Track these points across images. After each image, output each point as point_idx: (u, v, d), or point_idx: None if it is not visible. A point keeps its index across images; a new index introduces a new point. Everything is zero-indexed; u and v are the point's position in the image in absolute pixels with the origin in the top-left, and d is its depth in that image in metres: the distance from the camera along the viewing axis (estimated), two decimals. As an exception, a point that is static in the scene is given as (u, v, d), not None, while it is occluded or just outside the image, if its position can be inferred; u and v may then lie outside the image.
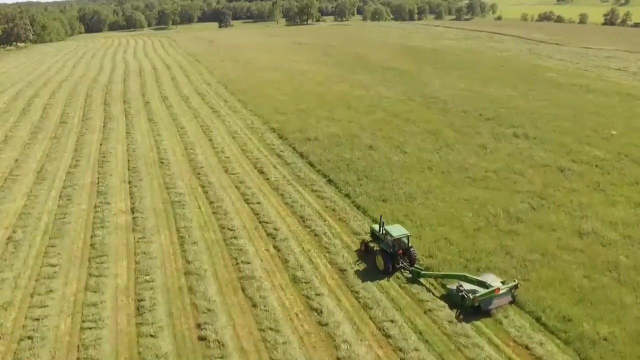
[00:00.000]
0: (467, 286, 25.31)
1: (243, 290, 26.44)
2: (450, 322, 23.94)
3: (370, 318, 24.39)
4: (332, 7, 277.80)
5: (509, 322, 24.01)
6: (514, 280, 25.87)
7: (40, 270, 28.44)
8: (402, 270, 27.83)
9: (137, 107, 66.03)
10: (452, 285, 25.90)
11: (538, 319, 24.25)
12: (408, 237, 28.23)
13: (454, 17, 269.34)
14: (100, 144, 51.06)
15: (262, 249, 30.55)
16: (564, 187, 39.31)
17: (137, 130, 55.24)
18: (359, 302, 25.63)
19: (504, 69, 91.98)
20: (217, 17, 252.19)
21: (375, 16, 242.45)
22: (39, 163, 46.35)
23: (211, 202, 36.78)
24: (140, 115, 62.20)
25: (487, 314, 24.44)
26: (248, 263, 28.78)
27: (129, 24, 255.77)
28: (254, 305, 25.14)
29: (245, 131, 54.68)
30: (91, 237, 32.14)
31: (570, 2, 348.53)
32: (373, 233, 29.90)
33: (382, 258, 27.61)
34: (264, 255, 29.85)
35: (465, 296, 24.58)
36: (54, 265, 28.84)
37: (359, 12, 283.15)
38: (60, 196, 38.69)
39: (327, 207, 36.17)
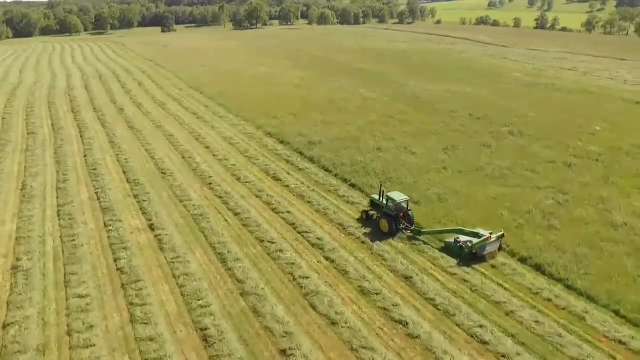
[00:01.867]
0: (462, 238, 28.94)
1: (313, 307, 24.14)
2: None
3: (457, 324, 23.08)
4: (276, 11, 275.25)
5: (592, 317, 23.60)
6: (501, 231, 29.55)
7: (68, 303, 24.55)
8: (403, 230, 31.07)
9: (111, 115, 60.76)
10: (450, 239, 29.43)
11: (616, 312, 24.17)
12: (407, 201, 31.82)
13: (397, 20, 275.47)
14: (84, 155, 46.11)
15: (313, 261, 28.28)
16: (578, 181, 40.00)
17: (121, 139, 50.55)
18: (439, 309, 24.21)
19: (469, 70, 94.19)
20: (159, 21, 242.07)
21: (322, 20, 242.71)
22: (17, 179, 40.93)
23: (236, 214, 33.86)
24: (118, 123, 57.18)
25: (482, 259, 28.13)
26: (306, 277, 26.45)
27: (63, 29, 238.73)
28: (333, 323, 22.97)
29: (241, 137, 51.62)
30: (115, 260, 28.38)
31: (500, 7, 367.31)
32: (372, 202, 33.14)
33: (386, 221, 30.61)
34: (318, 268, 27.62)
35: (463, 245, 28.29)
36: (83, 296, 25.01)
37: (303, 16, 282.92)
38: (58, 215, 34.14)
39: (361, 212, 34.41)
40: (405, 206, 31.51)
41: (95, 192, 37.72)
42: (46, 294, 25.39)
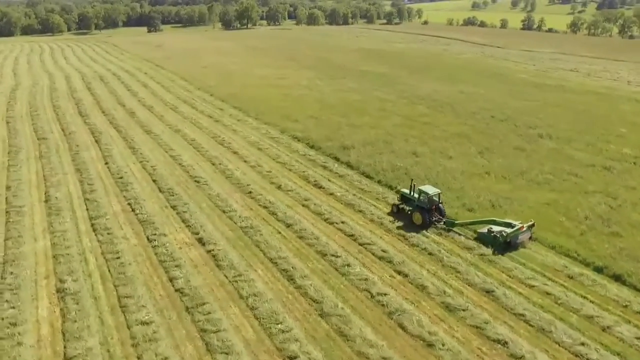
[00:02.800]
0: (495, 228, 29.55)
1: (403, 328, 22.42)
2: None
3: (556, 343, 21.63)
4: (264, 11, 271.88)
5: None
6: (531, 221, 30.42)
7: (132, 331, 22.23)
8: (436, 222, 31.65)
9: (123, 119, 57.83)
10: (483, 229, 30.00)
11: None
12: (439, 194, 32.35)
13: (385, 21, 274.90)
14: (106, 163, 43.37)
15: (385, 276, 26.50)
16: (623, 185, 39.14)
17: (141, 145, 47.87)
18: (532, 326, 22.71)
19: (474, 71, 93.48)
20: (144, 21, 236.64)
21: (311, 20, 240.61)
22: (39, 190, 38.14)
23: (288, 225, 31.83)
24: (133, 127, 54.36)
25: (515, 247, 28.89)
26: (385, 294, 24.67)
27: (46, 28, 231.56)
28: (429, 345, 21.28)
29: (268, 141, 49.41)
30: (170, 280, 26.09)
31: (484, 8, 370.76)
32: (403, 196, 33.64)
33: (420, 214, 31.27)
34: (393, 283, 25.86)
35: (498, 235, 28.98)
36: (147, 323, 22.70)
37: (290, 16, 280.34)
38: (94, 230, 31.61)
39: (392, 205, 32.83)
40: (438, 199, 32.07)
41: (128, 204, 35.20)
42: (104, 321, 23.03)
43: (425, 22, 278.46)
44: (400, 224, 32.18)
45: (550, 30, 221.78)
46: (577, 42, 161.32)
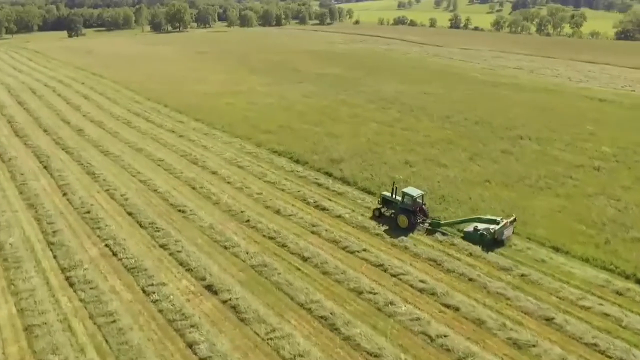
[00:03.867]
0: (481, 226, 29.63)
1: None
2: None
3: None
4: (193, 13, 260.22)
5: None
6: (513, 216, 30.81)
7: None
8: (421, 223, 31.36)
9: (71, 138, 50.39)
10: (469, 228, 30.03)
11: None
12: (423, 195, 32.00)
13: (317, 21, 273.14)
14: (64, 194, 36.78)
15: (435, 312, 23.51)
16: (618, 185, 38.99)
17: (102, 169, 41.41)
18: (610, 357, 20.60)
19: (427, 71, 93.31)
20: (64, 25, 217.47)
21: (244, 22, 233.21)
22: (-16, 235, 31.20)
23: (305, 259, 27.88)
24: (85, 147, 47.32)
25: (502, 244, 29.14)
26: (445, 336, 21.62)
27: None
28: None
29: (246, 158, 44.70)
30: (189, 346, 21.38)
31: (409, 7, 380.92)
32: (385, 199, 32.80)
33: (405, 216, 30.87)
34: (448, 321, 22.96)
35: (485, 233, 29.10)
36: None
37: (220, 18, 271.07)
38: (71, 284, 25.83)
39: (439, 241, 30.08)
40: (421, 201, 31.78)
41: (106, 245, 29.48)
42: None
43: (357, 22, 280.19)
44: (427, 249, 29.24)
45: (476, 28, 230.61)
46: (505, 40, 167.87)
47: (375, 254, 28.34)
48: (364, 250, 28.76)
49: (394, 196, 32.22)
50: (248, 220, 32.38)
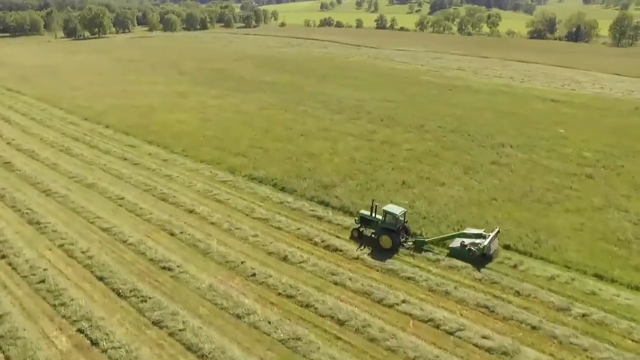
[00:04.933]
0: (467, 241, 28.15)
1: None
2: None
3: None
4: (111, 18, 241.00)
5: None
6: (496, 228, 29.56)
7: None
8: (403, 243, 29.12)
9: (1, 175, 41.03)
10: (455, 244, 28.47)
11: None
12: (405, 213, 29.89)
13: (243, 24, 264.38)
14: (2, 257, 28.52)
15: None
16: (621, 195, 38.11)
17: (47, 216, 33.23)
18: None
19: (377, 75, 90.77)
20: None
21: (167, 26, 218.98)
22: None
23: (341, 323, 22.91)
24: (18, 186, 38.36)
25: (490, 259, 27.74)
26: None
27: None
28: None
29: (223, 189, 38.35)
30: None
31: (332, 8, 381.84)
32: (363, 218, 30.34)
33: (389, 237, 28.60)
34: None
35: (473, 249, 27.62)
36: None
37: (140, 22, 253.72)
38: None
39: (476, 278, 26.44)
40: (404, 218, 29.85)
41: (80, 330, 22.44)
42: None
43: (283, 24, 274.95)
44: (469, 290, 25.30)
45: (402, 28, 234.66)
46: (434, 40, 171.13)
47: (418, 305, 23.93)
48: (404, 302, 24.24)
49: (373, 215, 29.80)
50: (254, 275, 26.58)
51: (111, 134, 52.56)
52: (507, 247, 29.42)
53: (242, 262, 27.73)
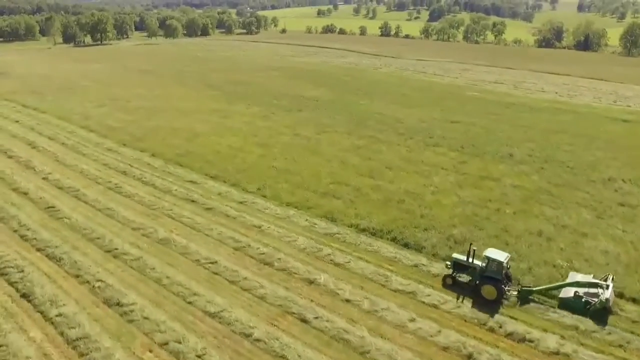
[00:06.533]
0: (581, 291, 24.73)
1: None
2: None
3: None
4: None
5: None
6: (608, 274, 26.10)
7: None
8: (508, 292, 25.60)
9: (42, 224, 32.77)
10: (567, 294, 24.96)
11: None
12: (509, 259, 26.31)
13: (245, 31, 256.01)
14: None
15: None
16: None
17: (126, 291, 25.48)
18: None
19: (420, 91, 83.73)
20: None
21: (169, 32, 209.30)
22: None
23: None
24: (78, 244, 30.34)
25: (611, 311, 23.99)
26: None
27: None
28: None
29: (334, 245, 30.78)
30: None
31: (329, 15, 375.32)
32: (457, 264, 26.74)
33: (494, 287, 25.16)
34: None
35: (592, 301, 24.02)
36: None
37: (137, 28, 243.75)
38: None
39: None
40: (508, 266, 26.22)
41: None
42: None
43: (284, 31, 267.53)
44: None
45: (407, 36, 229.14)
46: (447, 49, 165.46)
47: None
48: None
49: (470, 260, 26.21)
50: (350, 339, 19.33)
51: (162, 166, 44.65)
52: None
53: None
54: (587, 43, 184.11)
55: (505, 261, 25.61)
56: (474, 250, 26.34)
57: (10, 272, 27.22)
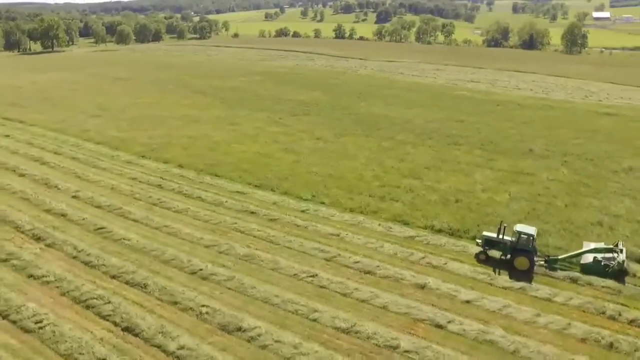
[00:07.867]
0: (599, 256, 27.73)
1: None
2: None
3: None
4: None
5: None
6: (618, 240, 29.34)
7: None
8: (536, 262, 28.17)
9: (92, 244, 30.06)
10: (587, 260, 27.89)
11: None
12: (536, 232, 29.03)
13: (197, 36, 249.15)
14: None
15: None
16: None
17: (250, 320, 23.89)
18: None
19: (412, 92, 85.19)
20: None
21: (121, 38, 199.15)
22: None
23: None
24: (160, 269, 28.11)
25: (627, 272, 27.23)
26: None
27: None
28: None
29: (421, 249, 30.56)
30: None
31: (276, 18, 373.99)
32: (488, 241, 29.06)
33: (525, 257, 27.83)
34: None
35: (609, 263, 27.18)
36: None
37: (82, 34, 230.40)
38: None
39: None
40: (534, 238, 28.76)
41: None
42: None
43: (236, 35, 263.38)
44: None
45: (361, 38, 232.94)
46: (406, 49, 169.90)
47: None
48: None
49: (501, 237, 28.62)
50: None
51: (196, 177, 42.37)
52: None
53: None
54: (532, 42, 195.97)
55: (534, 233, 28.31)
56: (505, 227, 28.76)
57: (97, 304, 24.64)
